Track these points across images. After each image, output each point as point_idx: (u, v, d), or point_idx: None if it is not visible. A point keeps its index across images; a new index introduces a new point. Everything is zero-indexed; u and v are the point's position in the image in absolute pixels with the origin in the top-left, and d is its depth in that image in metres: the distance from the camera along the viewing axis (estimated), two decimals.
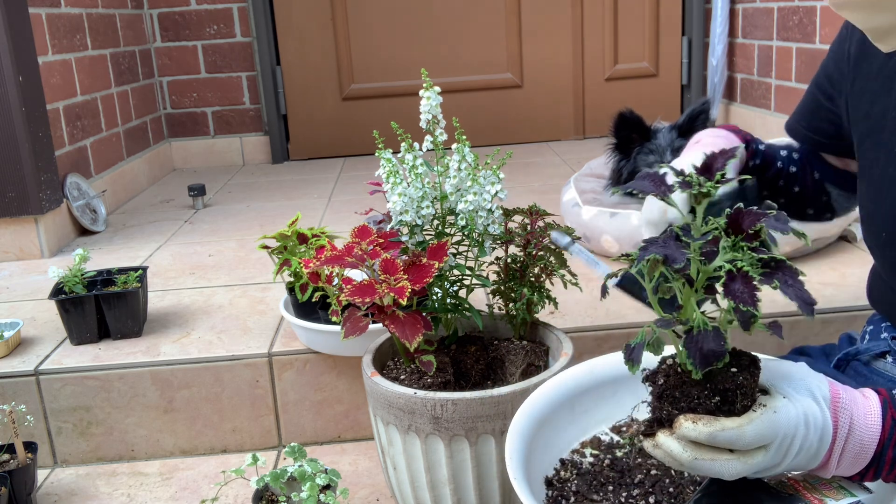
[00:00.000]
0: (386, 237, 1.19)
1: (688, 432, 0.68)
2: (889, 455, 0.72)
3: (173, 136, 3.50)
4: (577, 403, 0.99)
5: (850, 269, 1.76)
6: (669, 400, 0.71)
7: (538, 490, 0.90)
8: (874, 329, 1.07)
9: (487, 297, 1.38)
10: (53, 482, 1.52)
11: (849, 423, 0.71)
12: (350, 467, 1.51)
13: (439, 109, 1.17)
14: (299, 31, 3.42)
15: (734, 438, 0.67)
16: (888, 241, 0.95)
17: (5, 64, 2.08)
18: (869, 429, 0.71)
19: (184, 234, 2.46)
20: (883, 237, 0.96)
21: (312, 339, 1.52)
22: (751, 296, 0.64)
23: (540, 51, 3.50)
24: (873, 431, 0.71)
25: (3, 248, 2.24)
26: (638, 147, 1.86)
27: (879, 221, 0.96)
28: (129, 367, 1.55)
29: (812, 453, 0.71)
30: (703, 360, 0.67)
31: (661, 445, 0.70)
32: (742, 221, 0.68)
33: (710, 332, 0.68)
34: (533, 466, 0.89)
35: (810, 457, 0.71)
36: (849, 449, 0.71)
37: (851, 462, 0.72)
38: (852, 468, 0.73)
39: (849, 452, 0.71)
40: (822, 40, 2.59)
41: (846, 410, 0.71)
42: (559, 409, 0.97)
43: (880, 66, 0.95)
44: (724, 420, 0.67)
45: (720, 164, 0.72)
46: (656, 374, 0.73)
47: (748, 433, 0.67)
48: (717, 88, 3.30)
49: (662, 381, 0.72)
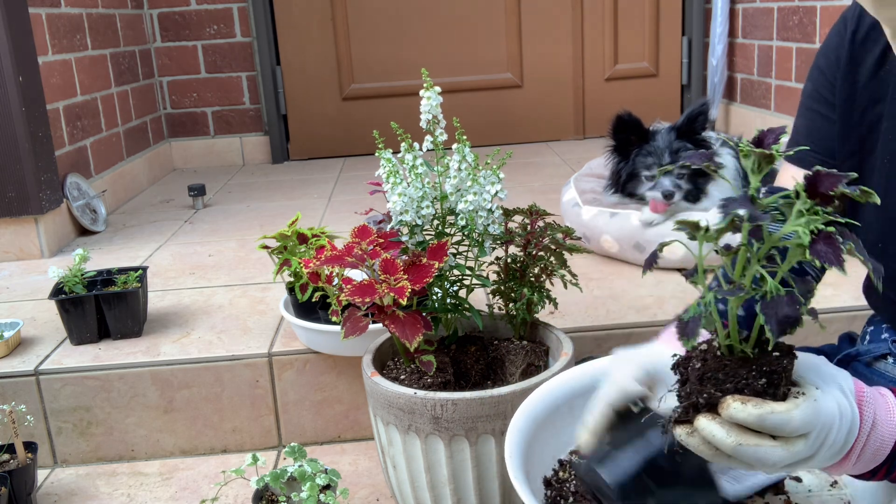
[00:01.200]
0: (386, 237, 1.19)
1: (736, 412, 0.65)
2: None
3: (173, 136, 3.50)
4: (577, 405, 0.98)
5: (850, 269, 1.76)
6: (713, 382, 0.67)
7: (537, 490, 0.90)
8: (875, 330, 1.07)
9: (487, 297, 1.38)
10: (53, 482, 1.52)
11: (872, 418, 0.71)
12: (350, 467, 1.51)
13: (439, 109, 1.17)
14: (299, 31, 3.42)
15: (782, 423, 0.65)
16: (883, 251, 0.94)
17: (5, 64, 2.08)
18: (890, 424, 0.71)
19: (184, 234, 2.46)
20: (878, 248, 0.95)
21: (312, 339, 1.52)
22: (836, 255, 0.62)
23: (540, 50, 3.50)
24: (893, 428, 0.71)
25: (3, 248, 2.24)
26: (636, 149, 1.86)
27: (876, 232, 0.95)
28: (129, 367, 1.55)
29: (839, 447, 0.70)
30: (779, 326, 0.64)
31: (703, 430, 0.67)
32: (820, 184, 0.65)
33: (785, 298, 0.65)
34: (532, 466, 0.90)
35: (837, 450, 0.70)
36: (870, 444, 0.71)
37: (871, 458, 0.72)
38: (869, 464, 0.72)
39: (870, 448, 0.71)
40: (822, 40, 2.59)
41: (870, 405, 0.71)
42: (559, 410, 0.97)
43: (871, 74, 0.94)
44: (773, 403, 0.65)
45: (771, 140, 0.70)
46: (689, 360, 0.71)
47: (796, 417, 0.65)
48: (717, 88, 3.30)
49: (700, 365, 0.69)
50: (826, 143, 1.00)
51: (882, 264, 0.96)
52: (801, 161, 1.04)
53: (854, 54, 0.95)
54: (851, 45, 0.95)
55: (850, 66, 0.95)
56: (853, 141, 0.96)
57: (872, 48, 0.93)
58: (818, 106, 1.02)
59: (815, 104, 1.02)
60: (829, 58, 1.00)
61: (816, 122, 1.02)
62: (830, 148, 1.00)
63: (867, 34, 0.94)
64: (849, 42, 0.96)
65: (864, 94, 0.94)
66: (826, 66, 1.01)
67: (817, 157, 1.01)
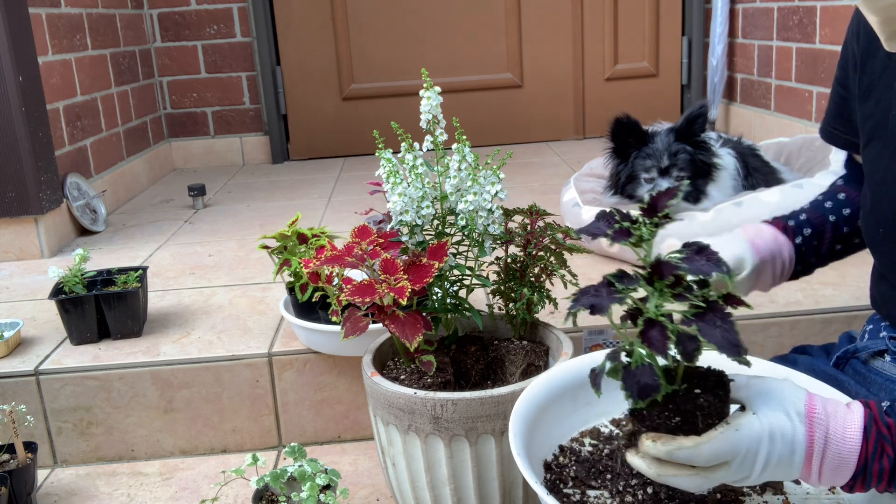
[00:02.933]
0: (386, 237, 1.19)
1: (649, 449, 0.73)
2: (875, 468, 0.73)
3: (173, 136, 3.50)
4: (581, 394, 0.99)
5: (850, 268, 1.76)
6: (638, 418, 0.75)
7: (537, 472, 0.91)
8: (874, 328, 1.08)
9: (487, 297, 1.38)
10: (53, 482, 1.52)
11: (824, 436, 0.73)
12: (350, 467, 1.51)
13: (439, 109, 1.17)
14: (299, 31, 3.42)
15: (690, 457, 0.71)
16: (886, 237, 0.96)
17: (5, 64, 2.08)
18: (847, 442, 0.73)
19: (184, 234, 2.46)
20: (881, 233, 0.97)
21: (312, 339, 1.52)
22: (663, 344, 0.70)
23: (540, 51, 3.50)
24: (851, 445, 0.73)
25: (3, 248, 2.24)
26: (635, 151, 1.87)
27: (879, 217, 0.97)
28: (129, 367, 1.55)
29: (786, 465, 0.73)
30: (640, 393, 0.72)
31: (631, 462, 0.76)
32: (662, 270, 0.73)
33: (647, 368, 0.73)
34: (533, 450, 0.90)
35: (786, 468, 0.73)
36: (828, 461, 0.73)
37: (833, 473, 0.74)
38: (836, 479, 0.74)
39: (828, 464, 0.73)
40: (822, 40, 2.59)
41: (821, 424, 0.73)
42: (562, 398, 0.98)
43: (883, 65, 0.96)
44: (682, 439, 0.72)
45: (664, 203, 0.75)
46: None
47: (704, 452, 0.71)
48: (716, 88, 3.30)
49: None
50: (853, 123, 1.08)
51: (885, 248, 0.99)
52: (832, 137, 1.14)
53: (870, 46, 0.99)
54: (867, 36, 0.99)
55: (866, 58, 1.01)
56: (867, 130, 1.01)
57: None
58: (843, 91, 1.09)
59: (839, 87, 1.10)
60: (844, 53, 1.07)
61: (841, 103, 1.10)
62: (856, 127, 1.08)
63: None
64: (865, 34, 1.00)
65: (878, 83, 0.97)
66: (843, 60, 1.07)
67: (846, 138, 1.11)
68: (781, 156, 2.21)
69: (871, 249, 1.04)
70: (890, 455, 0.72)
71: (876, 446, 0.73)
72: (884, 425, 0.73)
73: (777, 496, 0.86)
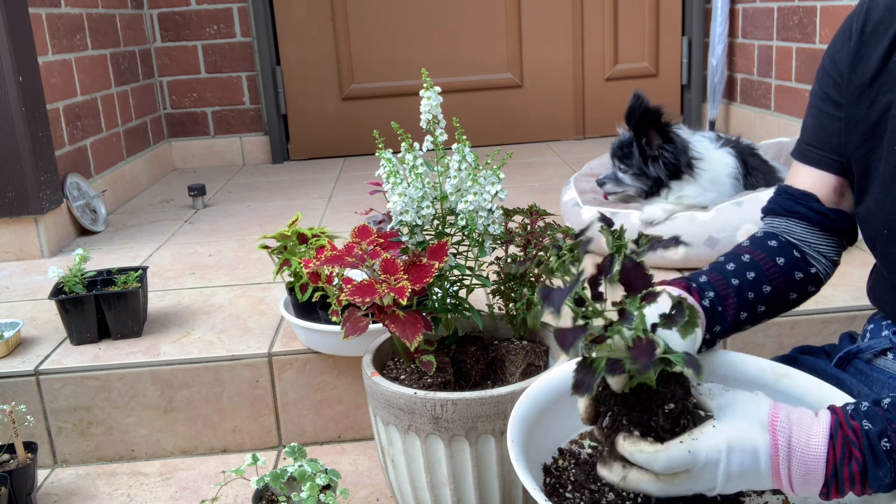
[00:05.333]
0: (386, 237, 1.19)
1: (621, 448, 0.75)
2: (846, 473, 0.72)
3: (173, 136, 3.50)
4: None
5: (850, 268, 1.75)
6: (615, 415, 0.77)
7: (536, 476, 0.90)
8: (875, 328, 1.07)
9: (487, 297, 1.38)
10: (53, 482, 1.52)
11: (787, 444, 0.73)
12: (350, 467, 1.51)
13: (439, 109, 1.17)
14: (299, 31, 3.42)
15: (649, 461, 0.73)
16: (889, 238, 0.96)
17: (5, 64, 2.08)
18: (811, 449, 0.73)
19: (184, 234, 2.46)
20: (885, 234, 0.97)
21: (312, 339, 1.52)
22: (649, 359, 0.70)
23: (540, 51, 3.50)
24: (815, 452, 0.72)
25: (3, 248, 2.24)
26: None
27: (881, 219, 0.97)
28: (129, 367, 1.55)
29: (753, 474, 0.73)
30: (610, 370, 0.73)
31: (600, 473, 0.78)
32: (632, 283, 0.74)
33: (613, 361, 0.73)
34: (532, 454, 0.90)
35: (753, 477, 0.74)
36: (795, 469, 0.73)
37: (803, 481, 0.73)
38: (808, 487, 0.74)
39: (796, 472, 0.73)
40: (822, 40, 2.59)
41: (783, 432, 0.73)
42: (562, 399, 0.97)
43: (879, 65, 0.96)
44: (644, 444, 0.73)
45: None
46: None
47: (660, 459, 0.72)
48: (716, 88, 3.30)
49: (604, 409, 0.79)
50: (832, 139, 1.03)
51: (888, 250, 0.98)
52: (807, 158, 1.07)
53: (861, 48, 0.98)
54: (859, 40, 0.98)
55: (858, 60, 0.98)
56: (861, 132, 0.99)
57: (881, 40, 0.96)
58: (824, 105, 1.04)
59: (821, 103, 1.05)
60: (833, 58, 1.03)
61: (823, 120, 1.05)
62: (836, 144, 1.03)
63: (875, 28, 0.97)
64: (857, 37, 0.98)
65: (872, 85, 0.96)
66: (831, 65, 1.03)
67: (823, 155, 1.05)
68: (781, 156, 2.22)
69: (873, 252, 1.03)
70: (858, 459, 0.72)
71: (843, 451, 0.72)
72: (850, 429, 0.73)
73: (777, 496, 0.86)
